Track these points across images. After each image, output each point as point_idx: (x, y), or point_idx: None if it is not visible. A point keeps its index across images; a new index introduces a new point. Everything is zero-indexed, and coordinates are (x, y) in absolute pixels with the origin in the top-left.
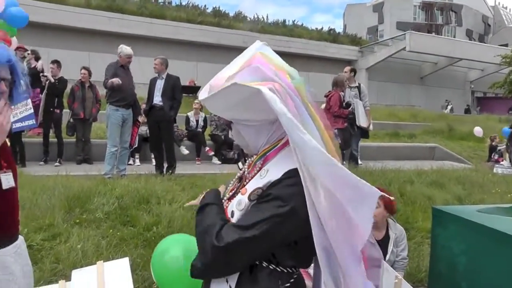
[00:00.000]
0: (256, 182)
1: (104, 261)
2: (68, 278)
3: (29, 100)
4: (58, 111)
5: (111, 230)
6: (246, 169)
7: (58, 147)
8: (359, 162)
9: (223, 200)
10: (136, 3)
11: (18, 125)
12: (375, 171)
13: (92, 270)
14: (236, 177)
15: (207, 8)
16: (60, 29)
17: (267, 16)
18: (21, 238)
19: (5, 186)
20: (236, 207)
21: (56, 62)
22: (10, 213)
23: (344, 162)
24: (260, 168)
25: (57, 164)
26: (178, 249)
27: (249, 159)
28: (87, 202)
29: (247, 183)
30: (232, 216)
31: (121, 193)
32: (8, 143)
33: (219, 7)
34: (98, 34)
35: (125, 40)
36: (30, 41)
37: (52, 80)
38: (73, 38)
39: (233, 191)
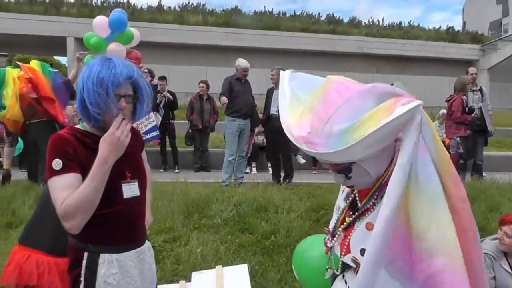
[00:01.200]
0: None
1: (223, 266)
2: (188, 279)
3: (152, 113)
4: (172, 121)
5: (229, 236)
6: (357, 196)
7: (173, 155)
8: (483, 173)
9: (330, 229)
10: (251, 17)
11: (143, 137)
12: (503, 185)
13: (211, 274)
14: (343, 203)
15: (321, 16)
16: (180, 47)
17: (382, 19)
18: (147, 244)
19: (126, 195)
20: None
21: (164, 78)
22: (132, 220)
23: (466, 175)
24: (378, 196)
25: (176, 171)
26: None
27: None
28: (206, 208)
29: (368, 215)
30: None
31: (239, 200)
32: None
33: (333, 14)
34: (215, 49)
35: (241, 53)
36: (152, 59)
37: (171, 97)
38: (192, 54)
39: (346, 222)
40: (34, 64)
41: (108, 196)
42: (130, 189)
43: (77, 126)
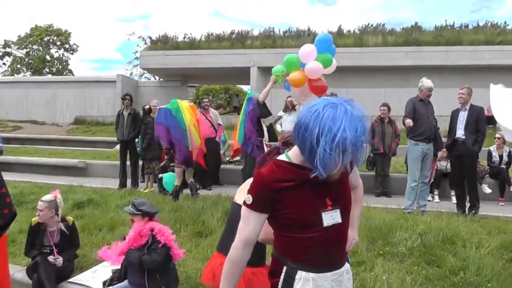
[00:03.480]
0: None
1: None
2: None
3: None
4: None
5: (415, 267)
6: None
7: None
8: None
9: None
10: (432, 33)
11: None
12: None
13: None
14: None
15: (508, 25)
16: (359, 70)
17: None
18: (346, 266)
19: (326, 223)
20: None
21: None
22: (330, 246)
23: None
24: None
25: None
26: None
27: None
28: (389, 235)
29: None
30: None
31: (424, 230)
32: None
33: None
34: (394, 70)
35: (420, 72)
36: (331, 83)
37: None
38: (371, 76)
39: None
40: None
41: (308, 223)
42: (331, 217)
43: (281, 157)
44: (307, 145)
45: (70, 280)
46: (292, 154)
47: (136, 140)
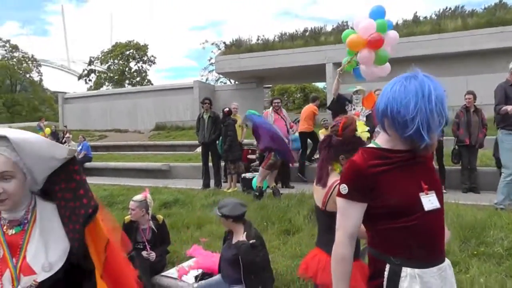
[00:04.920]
0: None
1: None
2: None
3: None
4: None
5: None
6: None
7: (441, 174)
8: None
9: None
10: None
11: None
12: None
13: None
14: None
15: None
16: (437, 58)
17: None
18: (447, 261)
19: (427, 208)
20: None
21: None
22: (433, 235)
23: None
24: None
25: (444, 191)
26: None
27: None
28: (482, 234)
29: None
30: None
31: None
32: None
33: None
34: (476, 55)
35: (506, 55)
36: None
37: None
38: (450, 64)
39: None
40: None
41: (407, 207)
42: (429, 201)
43: (369, 145)
44: (405, 118)
45: (162, 273)
46: (380, 141)
47: (217, 142)
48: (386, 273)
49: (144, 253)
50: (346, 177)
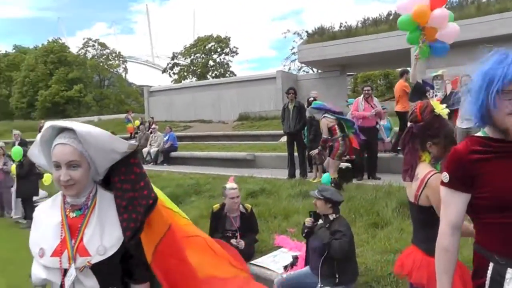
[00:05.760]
0: None
1: None
2: None
3: None
4: None
5: None
6: None
7: None
8: None
9: None
10: None
11: None
12: None
13: None
14: None
15: None
16: (501, 40)
17: None
18: None
19: None
20: None
21: None
22: None
23: None
24: None
25: None
26: None
27: None
28: None
29: None
30: None
31: None
32: None
33: None
34: None
35: None
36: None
37: None
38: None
39: None
40: None
41: (509, 203)
42: None
43: (477, 134)
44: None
45: (251, 262)
46: (489, 130)
47: (302, 131)
48: (489, 273)
49: (233, 241)
50: (447, 165)
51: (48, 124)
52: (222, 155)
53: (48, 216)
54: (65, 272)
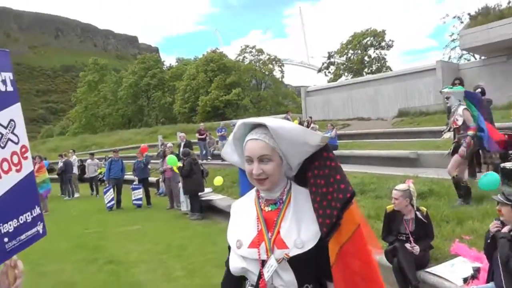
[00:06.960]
0: None
1: None
2: None
3: None
4: None
5: None
6: None
7: None
8: None
9: None
10: None
11: None
12: None
13: None
14: None
15: None
16: None
17: None
18: None
19: None
20: None
21: None
22: None
23: None
24: None
25: None
26: None
27: None
28: None
29: None
30: None
31: None
32: None
33: None
34: None
35: None
36: None
37: None
38: None
39: None
40: None
41: None
42: None
43: None
44: None
45: (427, 270)
46: None
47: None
48: None
49: (407, 245)
50: None
51: (240, 122)
52: (382, 153)
53: (243, 210)
54: (262, 263)
